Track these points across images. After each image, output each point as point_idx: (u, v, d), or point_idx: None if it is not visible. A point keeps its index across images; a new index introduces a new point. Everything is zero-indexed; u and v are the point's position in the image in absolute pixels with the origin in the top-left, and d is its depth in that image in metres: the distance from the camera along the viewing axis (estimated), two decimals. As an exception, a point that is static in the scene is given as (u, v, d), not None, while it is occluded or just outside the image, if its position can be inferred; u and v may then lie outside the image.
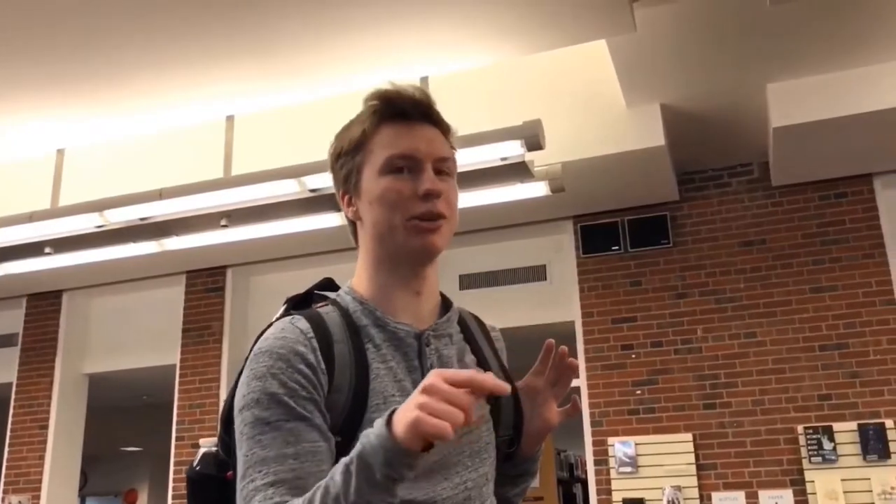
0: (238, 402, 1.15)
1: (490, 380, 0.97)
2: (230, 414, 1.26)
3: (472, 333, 1.37)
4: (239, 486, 1.11)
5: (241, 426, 1.13)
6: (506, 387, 0.97)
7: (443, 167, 1.26)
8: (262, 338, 1.19)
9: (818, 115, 4.65)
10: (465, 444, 1.22)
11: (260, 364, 1.14)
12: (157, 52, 4.16)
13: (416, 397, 0.96)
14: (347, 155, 1.27)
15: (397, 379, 1.20)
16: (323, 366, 1.15)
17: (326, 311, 1.23)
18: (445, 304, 1.34)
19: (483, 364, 1.33)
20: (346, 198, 1.29)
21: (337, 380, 1.15)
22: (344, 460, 1.00)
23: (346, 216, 1.31)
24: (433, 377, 0.96)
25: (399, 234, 1.22)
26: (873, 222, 5.35)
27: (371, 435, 0.98)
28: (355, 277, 1.30)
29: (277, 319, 1.25)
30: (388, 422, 0.97)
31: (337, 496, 0.98)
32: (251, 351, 1.20)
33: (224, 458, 1.30)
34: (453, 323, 1.32)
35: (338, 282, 1.36)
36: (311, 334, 1.17)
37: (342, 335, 1.19)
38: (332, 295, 1.30)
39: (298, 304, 1.31)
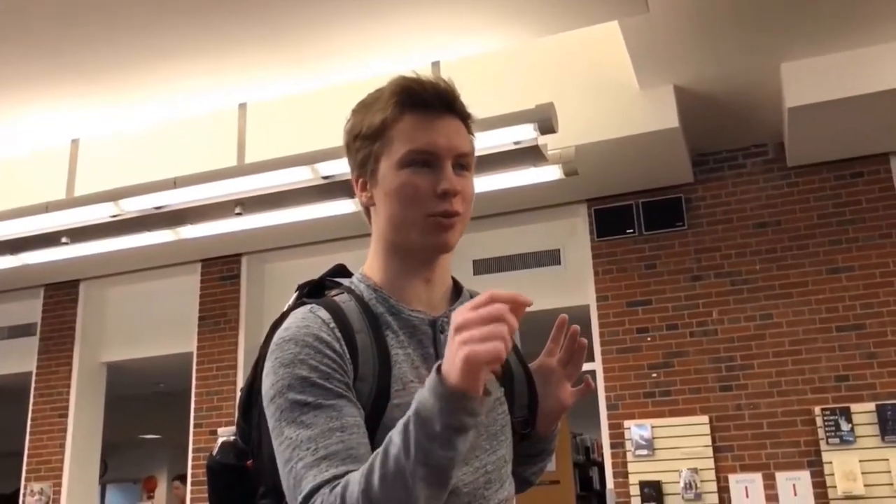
0: (267, 391, 1.14)
1: (507, 294, 0.97)
2: (248, 402, 1.26)
3: None
4: (284, 470, 1.09)
5: (277, 413, 1.11)
6: (528, 298, 0.97)
7: (462, 162, 1.24)
8: (282, 328, 1.18)
9: (833, 94, 4.61)
10: (482, 428, 1.22)
11: (286, 352, 1.13)
12: (169, 41, 4.17)
13: (455, 339, 0.95)
14: (365, 139, 1.24)
15: (415, 366, 1.21)
16: (347, 355, 1.15)
17: (343, 299, 1.23)
18: (457, 289, 1.34)
19: None
20: (361, 182, 1.27)
21: (361, 369, 1.15)
22: (402, 420, 0.99)
23: (360, 200, 1.29)
24: (459, 315, 0.96)
25: (414, 230, 1.21)
26: (890, 202, 5.31)
27: (424, 390, 0.97)
28: (367, 263, 1.30)
29: (291, 307, 1.25)
30: (438, 370, 0.97)
31: (398, 456, 0.97)
32: (268, 340, 1.20)
33: (243, 447, 1.30)
34: None
35: (352, 268, 1.36)
36: (333, 324, 1.16)
37: (362, 324, 1.19)
38: (345, 282, 1.30)
39: (311, 291, 1.31)
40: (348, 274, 1.34)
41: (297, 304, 1.25)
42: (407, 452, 0.97)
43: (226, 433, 1.35)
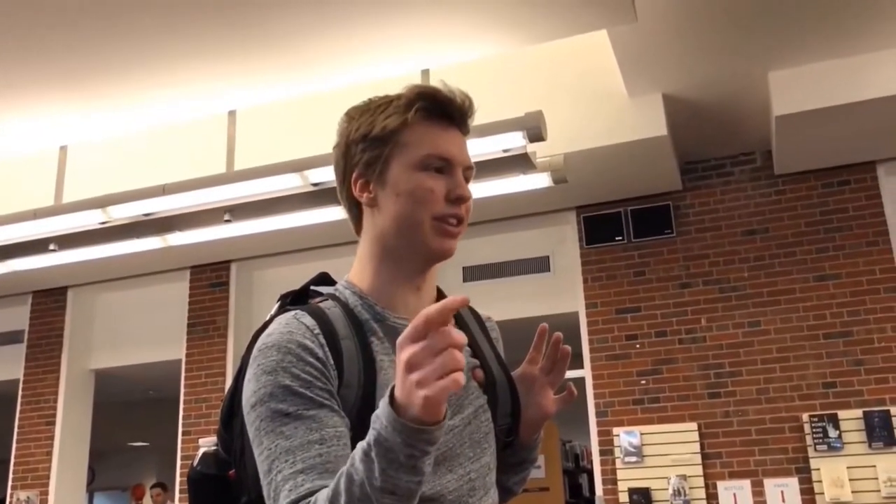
0: (248, 398, 1.13)
1: (438, 308, 0.94)
2: (230, 412, 1.26)
3: (467, 324, 1.37)
4: (264, 482, 1.09)
5: (257, 422, 1.11)
6: (463, 298, 0.96)
7: (467, 175, 1.28)
8: (265, 333, 1.17)
9: (821, 102, 4.63)
10: (465, 436, 1.23)
11: (269, 359, 1.12)
12: (158, 47, 4.16)
13: (409, 378, 0.93)
14: (375, 141, 1.24)
15: None
16: (332, 361, 1.14)
17: (327, 305, 1.23)
18: (441, 298, 1.33)
19: (478, 355, 1.33)
20: (361, 182, 1.26)
21: (346, 376, 1.15)
22: (361, 446, 0.98)
23: (357, 199, 1.28)
24: (405, 351, 0.94)
25: (422, 232, 1.22)
26: (877, 210, 5.34)
27: (382, 418, 0.96)
28: (354, 269, 1.29)
29: (273, 317, 1.25)
30: (392, 400, 0.95)
31: (362, 483, 0.96)
32: (251, 348, 1.19)
33: (224, 457, 1.29)
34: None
35: (339, 275, 1.36)
36: (318, 330, 1.16)
37: (347, 331, 1.19)
38: (329, 289, 1.30)
39: (295, 299, 1.30)
40: (332, 282, 1.34)
41: (280, 312, 1.25)
42: (371, 481, 0.96)
43: (207, 443, 1.34)
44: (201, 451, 1.34)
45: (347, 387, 1.15)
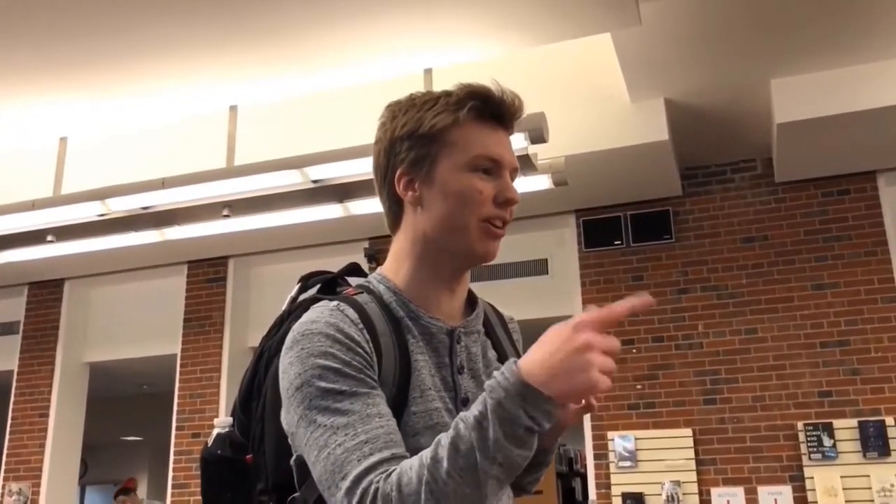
0: (292, 380, 1.11)
1: (631, 307, 1.05)
2: (249, 395, 1.26)
3: (493, 326, 1.38)
4: (319, 457, 1.06)
5: (306, 401, 1.09)
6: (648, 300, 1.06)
7: (513, 177, 1.28)
8: (306, 319, 1.15)
9: (822, 111, 4.63)
10: None
11: (315, 344, 1.11)
12: (160, 40, 4.15)
13: (584, 356, 1.00)
14: (423, 138, 1.22)
15: (431, 374, 1.20)
16: (374, 358, 1.14)
17: (364, 300, 1.21)
18: (470, 299, 1.34)
19: (503, 359, 1.32)
20: (405, 180, 1.24)
21: (384, 373, 1.15)
22: (472, 414, 0.99)
23: (400, 197, 1.25)
24: (584, 332, 1.01)
25: (468, 233, 1.22)
26: (876, 219, 5.34)
27: (503, 387, 0.99)
28: (389, 265, 1.28)
29: (295, 297, 1.25)
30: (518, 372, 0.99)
31: (470, 450, 0.97)
32: (272, 333, 1.19)
33: (240, 441, 1.28)
34: (480, 319, 1.33)
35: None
36: (361, 325, 1.15)
37: (385, 328, 1.18)
38: (360, 281, 1.29)
39: (324, 287, 1.30)
40: (362, 274, 1.33)
41: (304, 296, 1.25)
42: (483, 450, 0.97)
43: (221, 424, 1.33)
44: (215, 431, 1.32)
45: (383, 384, 1.14)
